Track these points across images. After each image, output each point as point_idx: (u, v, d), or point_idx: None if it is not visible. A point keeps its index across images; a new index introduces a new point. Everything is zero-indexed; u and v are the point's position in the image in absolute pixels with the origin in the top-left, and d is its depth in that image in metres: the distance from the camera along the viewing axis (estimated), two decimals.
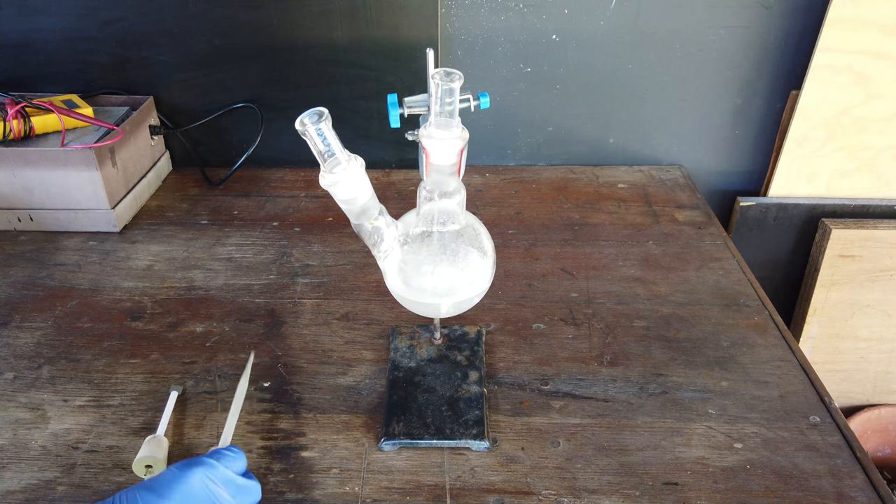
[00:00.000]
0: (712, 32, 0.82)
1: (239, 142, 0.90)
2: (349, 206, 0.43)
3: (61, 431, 0.52)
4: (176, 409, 0.54)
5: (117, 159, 0.76)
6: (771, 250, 0.93)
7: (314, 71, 0.84)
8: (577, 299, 0.66)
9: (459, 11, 0.82)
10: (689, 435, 0.51)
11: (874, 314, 0.90)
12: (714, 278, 0.69)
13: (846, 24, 0.77)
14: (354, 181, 0.41)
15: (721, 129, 0.90)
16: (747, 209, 0.91)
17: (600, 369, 0.57)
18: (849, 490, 0.47)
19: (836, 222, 0.87)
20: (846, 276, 0.88)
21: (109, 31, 0.82)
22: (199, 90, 0.86)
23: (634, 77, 0.86)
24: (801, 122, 0.84)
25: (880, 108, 0.82)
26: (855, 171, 0.87)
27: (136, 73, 0.85)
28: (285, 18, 0.81)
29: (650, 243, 0.75)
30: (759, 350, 0.59)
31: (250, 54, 0.84)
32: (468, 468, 0.49)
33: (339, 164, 0.41)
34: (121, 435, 0.52)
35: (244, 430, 0.52)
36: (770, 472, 0.48)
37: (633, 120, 0.89)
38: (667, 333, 0.62)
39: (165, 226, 0.79)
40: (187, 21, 0.81)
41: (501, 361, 0.58)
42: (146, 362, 0.59)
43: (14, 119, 0.72)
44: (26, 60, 0.84)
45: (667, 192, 0.85)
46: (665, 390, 0.55)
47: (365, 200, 0.43)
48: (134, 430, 0.52)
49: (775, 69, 0.84)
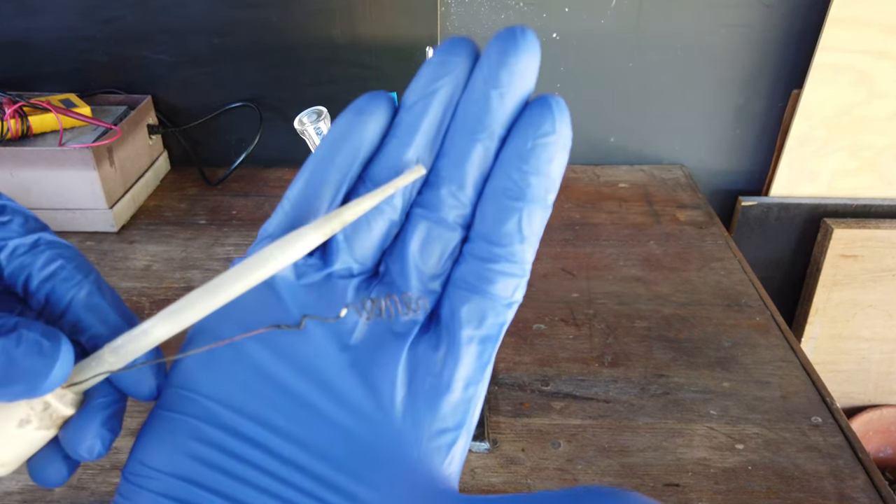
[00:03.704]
0: (713, 31, 0.82)
1: (238, 141, 0.90)
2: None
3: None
4: None
5: (115, 159, 0.76)
6: (772, 250, 0.93)
7: (313, 70, 0.84)
8: (578, 299, 0.66)
9: (459, 10, 0.81)
10: (691, 436, 0.51)
11: (876, 314, 0.90)
12: (716, 278, 0.69)
13: (848, 23, 0.77)
14: None
15: (722, 128, 0.89)
16: (749, 209, 0.90)
17: (601, 370, 0.57)
18: (850, 491, 0.47)
19: (837, 222, 0.87)
20: (848, 277, 0.88)
21: (108, 30, 0.82)
22: (198, 89, 0.86)
23: (635, 76, 0.85)
24: (802, 121, 0.84)
25: (882, 107, 0.82)
26: (857, 171, 0.87)
27: (135, 72, 0.85)
28: (284, 17, 0.81)
29: (651, 243, 0.75)
30: (761, 350, 0.59)
31: (249, 53, 0.83)
32: (468, 469, 0.48)
33: None
34: (119, 436, 0.51)
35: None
36: (772, 473, 0.48)
37: (634, 119, 0.89)
38: (668, 334, 0.61)
39: (163, 226, 0.79)
40: (186, 20, 0.81)
41: (502, 362, 0.58)
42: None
43: (12, 118, 0.72)
44: (24, 59, 0.84)
45: (668, 191, 0.85)
46: (666, 391, 0.55)
47: None
48: (132, 432, 0.52)
49: (776, 68, 0.84)
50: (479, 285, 0.22)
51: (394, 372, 0.22)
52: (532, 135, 0.22)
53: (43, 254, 0.23)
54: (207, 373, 0.23)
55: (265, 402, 0.22)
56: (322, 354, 0.22)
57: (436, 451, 0.22)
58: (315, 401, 0.22)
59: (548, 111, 0.22)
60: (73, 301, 0.23)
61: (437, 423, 0.22)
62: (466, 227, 0.24)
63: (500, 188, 0.22)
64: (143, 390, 0.23)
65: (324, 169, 0.24)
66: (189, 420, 0.22)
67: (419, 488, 0.21)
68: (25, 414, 0.20)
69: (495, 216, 0.22)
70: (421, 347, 0.23)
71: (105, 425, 0.22)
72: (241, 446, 0.21)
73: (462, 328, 0.22)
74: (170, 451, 0.22)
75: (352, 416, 0.22)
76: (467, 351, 0.22)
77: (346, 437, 0.21)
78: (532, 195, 0.22)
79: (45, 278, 0.23)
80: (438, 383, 0.22)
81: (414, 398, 0.22)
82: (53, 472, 0.22)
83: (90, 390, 0.22)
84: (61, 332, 0.20)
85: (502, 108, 0.22)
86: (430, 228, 0.23)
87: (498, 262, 0.22)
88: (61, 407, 0.21)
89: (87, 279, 0.23)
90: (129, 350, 0.22)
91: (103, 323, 0.23)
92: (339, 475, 0.21)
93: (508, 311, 0.23)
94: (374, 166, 0.24)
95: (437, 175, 0.23)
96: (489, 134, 0.22)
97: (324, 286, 0.24)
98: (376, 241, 0.24)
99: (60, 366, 0.19)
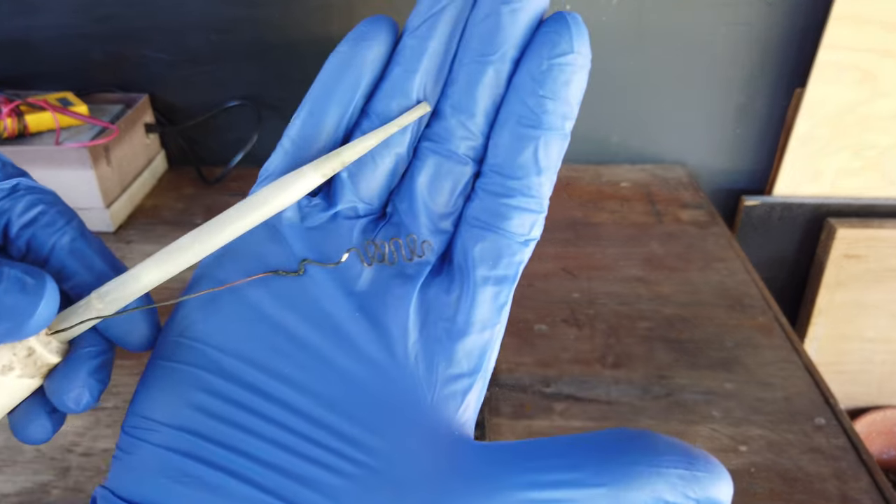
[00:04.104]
0: (715, 29, 0.82)
1: (236, 140, 0.89)
2: None
3: (56, 434, 0.51)
4: None
5: (112, 158, 0.76)
6: (775, 250, 0.93)
7: (312, 68, 0.83)
8: (580, 300, 0.65)
9: None
10: (693, 437, 0.50)
11: (880, 315, 0.89)
12: (718, 278, 0.68)
13: (851, 21, 0.77)
14: None
15: (724, 126, 0.89)
16: (752, 208, 0.90)
17: (603, 371, 0.57)
18: (854, 493, 0.46)
19: (841, 221, 0.86)
20: (851, 277, 0.87)
21: (105, 28, 0.81)
22: (195, 88, 0.86)
23: (636, 74, 0.85)
24: (805, 120, 0.83)
25: (886, 106, 0.82)
26: (861, 170, 0.87)
27: (132, 70, 0.85)
28: (284, 15, 0.80)
29: (653, 243, 0.74)
30: (764, 351, 0.59)
31: (247, 51, 0.83)
32: None
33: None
34: (116, 438, 0.51)
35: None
36: (774, 474, 0.48)
37: (635, 118, 0.88)
38: (670, 334, 0.61)
39: (160, 225, 0.78)
40: (183, 17, 0.81)
41: (503, 363, 0.58)
42: (140, 364, 0.58)
43: (8, 117, 0.72)
44: (20, 58, 0.84)
45: (670, 190, 0.85)
46: (669, 392, 0.55)
47: None
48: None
49: (779, 66, 0.84)
50: (493, 222, 0.21)
51: (404, 316, 0.21)
52: (547, 54, 0.20)
53: (23, 199, 0.22)
54: (209, 320, 0.22)
55: (270, 350, 0.21)
56: (328, 299, 0.21)
57: (450, 397, 0.20)
58: (322, 347, 0.21)
59: (564, 28, 0.21)
60: (56, 247, 0.22)
61: (451, 368, 0.21)
62: (478, 162, 0.22)
63: (514, 115, 0.21)
64: (133, 340, 0.22)
65: (324, 103, 0.22)
66: (191, 369, 0.21)
67: (433, 436, 0.20)
68: (8, 360, 0.19)
69: (509, 146, 0.21)
70: (432, 290, 0.22)
71: (93, 375, 0.20)
72: (246, 395, 0.20)
73: (476, 268, 0.21)
74: (171, 401, 0.20)
75: (361, 363, 0.21)
76: (482, 292, 0.21)
77: (356, 385, 0.20)
78: (549, 122, 0.21)
79: (26, 224, 0.22)
80: (452, 327, 0.21)
81: (426, 342, 0.21)
82: (38, 428, 0.21)
83: (76, 340, 0.21)
84: (45, 272, 0.19)
85: (514, 26, 0.21)
86: (440, 163, 0.22)
87: (513, 196, 0.21)
88: (46, 353, 0.20)
89: (70, 225, 0.22)
90: (119, 296, 0.21)
91: (88, 269, 0.22)
92: (349, 423, 0.20)
93: (525, 248, 0.21)
94: (377, 97, 0.22)
95: (446, 104, 0.22)
96: (501, 56, 0.21)
97: (328, 228, 0.22)
98: (382, 180, 0.23)
99: (46, 304, 0.18)
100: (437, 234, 0.22)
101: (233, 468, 0.19)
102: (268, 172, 0.23)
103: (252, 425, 0.20)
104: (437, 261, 0.22)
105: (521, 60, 0.21)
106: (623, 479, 0.18)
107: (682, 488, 0.18)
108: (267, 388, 0.20)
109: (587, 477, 0.18)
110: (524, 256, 0.22)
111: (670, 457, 0.19)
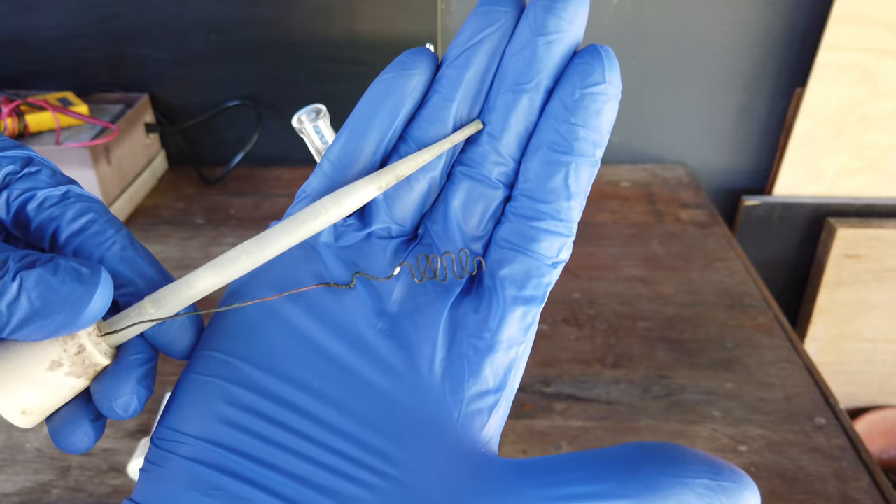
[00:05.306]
0: (715, 29, 0.82)
1: (236, 140, 0.89)
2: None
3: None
4: None
5: (112, 157, 0.76)
6: (776, 250, 0.93)
7: (312, 67, 0.83)
8: (580, 300, 0.65)
9: (460, 6, 0.81)
10: (694, 438, 0.50)
11: (880, 315, 0.89)
12: (718, 278, 0.68)
13: (851, 21, 0.77)
14: None
15: (725, 126, 0.89)
16: (752, 208, 0.90)
17: (603, 371, 0.57)
18: (854, 493, 0.46)
19: (841, 221, 0.86)
20: (852, 277, 0.87)
21: (105, 28, 0.81)
22: (196, 87, 0.85)
23: (637, 74, 0.85)
24: (805, 119, 0.83)
25: (886, 106, 0.82)
26: (861, 170, 0.87)
27: (132, 70, 0.84)
28: (283, 14, 0.80)
29: (654, 243, 0.74)
30: (764, 351, 0.59)
31: (247, 51, 0.83)
32: None
33: None
34: (116, 438, 0.51)
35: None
36: (775, 474, 0.48)
37: (635, 117, 0.88)
38: (670, 334, 0.61)
39: (161, 225, 0.78)
40: (183, 17, 0.81)
41: None
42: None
43: (8, 117, 0.72)
44: (21, 57, 0.83)
45: (670, 190, 0.85)
46: (669, 392, 0.55)
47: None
48: (129, 433, 0.51)
49: (779, 66, 0.84)
50: (522, 244, 0.22)
51: (433, 333, 0.21)
52: (580, 84, 0.21)
53: (73, 206, 0.22)
54: (242, 335, 0.22)
55: (300, 364, 0.21)
56: (359, 316, 0.22)
57: (476, 413, 0.21)
58: (352, 363, 0.21)
59: (597, 60, 0.21)
60: (107, 256, 0.22)
61: (477, 385, 0.21)
62: (509, 186, 0.23)
63: (546, 142, 0.22)
64: (178, 347, 0.22)
65: (364, 127, 0.23)
66: (222, 383, 0.21)
67: (458, 451, 0.20)
68: (58, 356, 0.19)
69: (540, 171, 0.22)
70: (462, 309, 0.22)
71: (141, 382, 0.20)
72: (275, 409, 0.20)
73: (505, 289, 0.22)
74: (201, 415, 0.20)
75: (389, 379, 0.21)
76: (511, 312, 0.21)
77: (384, 400, 0.21)
78: (580, 149, 0.21)
79: (75, 232, 0.21)
80: (479, 345, 0.21)
81: (454, 359, 0.21)
82: (82, 436, 0.21)
83: (123, 346, 0.21)
84: (99, 263, 0.19)
85: (549, 57, 0.21)
86: (473, 187, 0.23)
87: (542, 219, 0.22)
88: (96, 353, 0.20)
89: (120, 234, 0.22)
90: (171, 302, 0.21)
91: (141, 277, 0.22)
92: (376, 437, 0.20)
93: (553, 271, 0.22)
94: (415, 123, 0.23)
95: (481, 131, 0.23)
96: (535, 85, 0.22)
97: (362, 247, 0.23)
98: (416, 202, 0.23)
99: (101, 293, 0.18)
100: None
101: (261, 481, 0.19)
102: (305, 193, 0.23)
103: (281, 439, 0.20)
104: (467, 281, 0.23)
105: (554, 90, 0.22)
106: (648, 491, 0.18)
107: (708, 499, 0.18)
108: (296, 401, 0.20)
109: (612, 489, 0.18)
110: (552, 278, 0.22)
111: (696, 467, 0.19)
